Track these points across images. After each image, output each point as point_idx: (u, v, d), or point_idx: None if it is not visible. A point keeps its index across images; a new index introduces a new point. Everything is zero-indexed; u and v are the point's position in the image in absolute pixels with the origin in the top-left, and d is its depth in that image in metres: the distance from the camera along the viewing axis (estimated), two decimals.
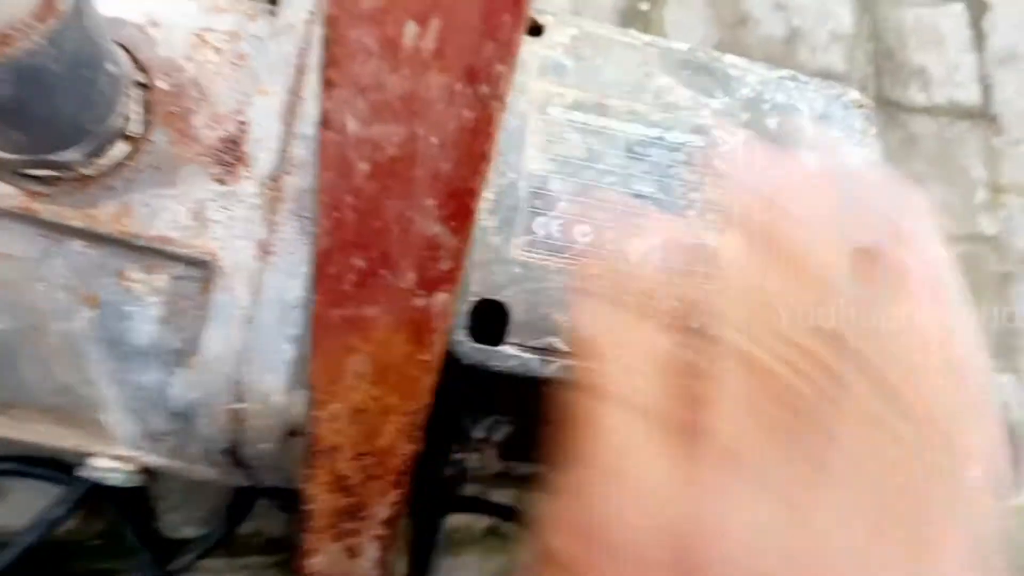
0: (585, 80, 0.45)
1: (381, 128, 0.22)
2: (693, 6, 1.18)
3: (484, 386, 0.43)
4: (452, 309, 0.28)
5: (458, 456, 0.54)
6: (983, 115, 1.32)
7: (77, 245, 0.43)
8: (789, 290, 0.25)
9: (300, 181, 0.44)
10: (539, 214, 0.42)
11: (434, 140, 0.22)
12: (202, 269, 0.43)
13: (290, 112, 0.45)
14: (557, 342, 0.41)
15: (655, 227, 0.33)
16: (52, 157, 0.39)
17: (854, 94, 0.51)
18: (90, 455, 0.52)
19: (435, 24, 0.19)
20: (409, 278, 0.26)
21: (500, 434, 0.54)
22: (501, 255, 0.41)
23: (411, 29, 0.20)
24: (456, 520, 0.88)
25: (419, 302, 0.27)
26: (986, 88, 1.33)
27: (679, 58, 0.48)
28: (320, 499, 0.38)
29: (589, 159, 0.43)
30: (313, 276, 0.27)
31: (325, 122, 0.22)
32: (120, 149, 0.42)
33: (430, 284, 0.27)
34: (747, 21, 1.21)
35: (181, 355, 0.45)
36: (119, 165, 0.42)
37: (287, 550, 0.83)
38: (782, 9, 1.24)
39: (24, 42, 0.33)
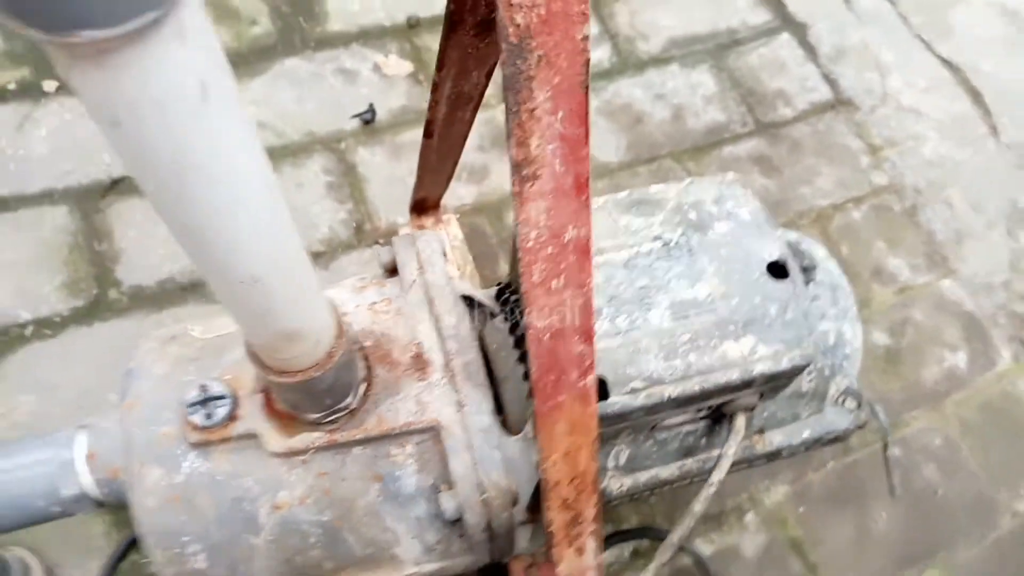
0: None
1: (548, 319, 0.53)
2: (597, 124, 1.55)
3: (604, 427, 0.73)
4: (596, 384, 0.58)
5: (602, 486, 0.82)
6: (839, 102, 1.68)
7: (356, 451, 0.73)
8: None
9: (459, 360, 0.75)
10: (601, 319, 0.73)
11: (570, 317, 0.53)
12: (431, 432, 0.73)
13: (436, 323, 0.76)
14: (637, 383, 0.71)
15: None
16: (339, 406, 0.70)
17: (730, 175, 0.84)
18: None
19: None
20: (574, 375, 0.56)
21: (624, 457, 0.83)
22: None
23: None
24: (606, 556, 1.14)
25: (581, 384, 0.57)
26: (832, 83, 1.70)
27: (626, 202, 0.81)
28: (555, 520, 0.66)
29: (605, 284, 0.75)
30: (533, 386, 0.57)
31: (529, 328, 0.52)
32: (362, 388, 0.73)
33: (584, 374, 0.57)
34: (642, 118, 1.57)
35: (434, 488, 0.74)
36: (366, 396, 0.72)
37: None
38: (661, 97, 1.61)
39: (318, 372, 0.62)
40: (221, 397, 0.70)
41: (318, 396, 0.66)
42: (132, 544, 1.03)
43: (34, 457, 0.72)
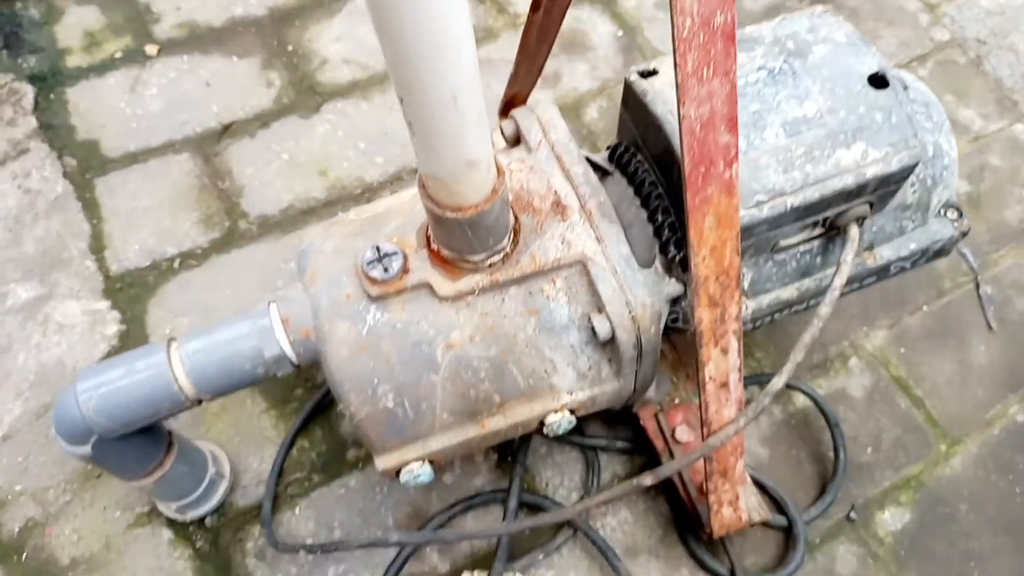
0: None
1: (699, 109, 0.60)
2: (656, 20, 1.60)
3: None
4: (738, 176, 0.66)
5: None
6: None
7: (512, 290, 0.82)
8: None
9: (593, 202, 0.83)
10: None
11: (718, 105, 0.60)
12: (578, 265, 0.81)
13: (566, 174, 0.84)
14: (760, 196, 0.79)
15: None
16: (498, 247, 0.79)
17: (819, 8, 0.90)
18: (545, 416, 0.89)
19: None
20: (721, 166, 0.64)
21: (747, 281, 0.90)
22: None
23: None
24: None
25: (727, 175, 0.65)
26: None
27: None
28: (704, 318, 0.75)
29: None
30: (684, 185, 0.65)
31: (683, 119, 0.60)
32: (512, 235, 0.81)
33: (729, 164, 0.64)
34: None
35: (584, 316, 0.83)
36: (516, 240, 0.81)
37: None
38: None
39: (487, 205, 0.71)
40: (394, 253, 0.80)
41: (483, 235, 0.75)
42: (298, 433, 1.16)
43: (239, 329, 0.83)
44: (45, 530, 1.08)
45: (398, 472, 0.89)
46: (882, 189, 0.83)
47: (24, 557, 1.06)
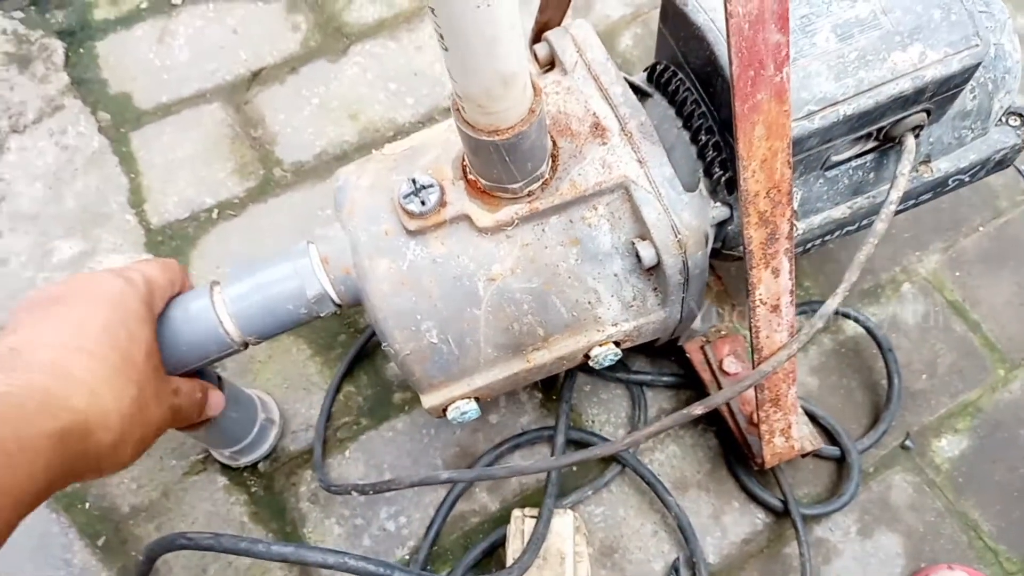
0: None
1: (748, 5, 0.57)
2: None
3: None
4: (789, 79, 0.62)
5: None
6: None
7: (553, 219, 0.80)
8: None
9: (634, 123, 0.80)
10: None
11: (768, 2, 0.57)
12: (621, 190, 0.79)
13: (605, 95, 0.81)
14: (811, 106, 0.75)
15: None
16: (535, 175, 0.76)
17: None
18: (590, 350, 0.88)
19: None
20: (771, 68, 0.60)
21: (797, 200, 0.87)
22: None
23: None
24: None
25: (777, 78, 0.61)
26: None
27: None
28: (754, 237, 0.72)
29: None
30: (732, 91, 0.62)
31: (731, 17, 0.57)
32: (550, 161, 0.79)
33: (779, 67, 0.61)
34: None
35: (628, 244, 0.81)
36: (555, 166, 0.79)
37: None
38: None
39: (525, 126, 0.69)
40: (430, 185, 0.78)
41: (521, 161, 0.73)
42: (344, 378, 1.16)
43: (280, 270, 0.82)
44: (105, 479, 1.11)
45: (445, 410, 0.88)
46: (941, 94, 0.78)
47: (87, 505, 1.09)
